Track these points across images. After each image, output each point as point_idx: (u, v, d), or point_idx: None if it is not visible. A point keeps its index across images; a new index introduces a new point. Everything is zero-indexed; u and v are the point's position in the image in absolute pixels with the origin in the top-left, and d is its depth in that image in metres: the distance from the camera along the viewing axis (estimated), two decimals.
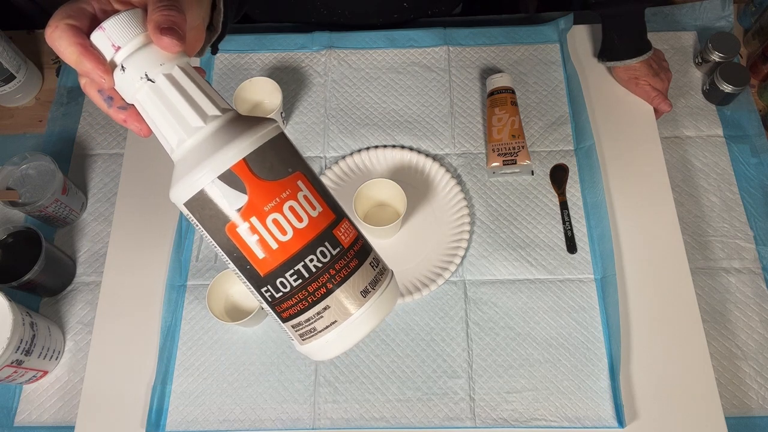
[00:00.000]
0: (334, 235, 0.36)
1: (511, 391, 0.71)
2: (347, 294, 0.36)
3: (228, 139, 0.34)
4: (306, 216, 0.35)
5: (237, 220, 0.34)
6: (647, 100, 0.85)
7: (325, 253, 0.35)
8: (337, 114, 0.88)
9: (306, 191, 0.36)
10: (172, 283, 0.76)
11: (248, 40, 0.93)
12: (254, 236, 0.34)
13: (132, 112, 0.37)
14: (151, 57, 0.35)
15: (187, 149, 0.35)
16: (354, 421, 0.70)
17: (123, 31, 0.34)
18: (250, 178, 0.34)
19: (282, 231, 0.34)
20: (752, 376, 0.72)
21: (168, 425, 0.70)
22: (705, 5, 0.95)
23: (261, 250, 0.35)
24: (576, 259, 0.77)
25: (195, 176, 0.34)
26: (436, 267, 0.77)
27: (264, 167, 0.34)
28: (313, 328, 0.36)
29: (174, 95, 0.35)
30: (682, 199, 0.82)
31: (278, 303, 0.36)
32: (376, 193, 0.78)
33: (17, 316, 0.65)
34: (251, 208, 0.34)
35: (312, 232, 0.35)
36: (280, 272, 0.35)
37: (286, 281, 0.35)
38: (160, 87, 0.35)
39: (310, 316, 0.36)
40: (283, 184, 0.35)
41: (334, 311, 0.35)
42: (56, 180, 0.76)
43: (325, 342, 0.36)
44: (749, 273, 0.77)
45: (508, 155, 0.81)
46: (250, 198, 0.34)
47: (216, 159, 0.34)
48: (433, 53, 0.92)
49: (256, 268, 0.35)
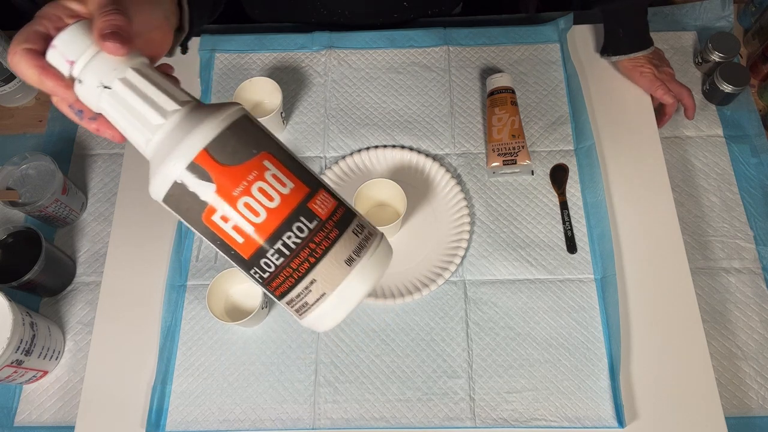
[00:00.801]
0: (310, 209, 0.36)
1: (511, 391, 0.71)
2: (331, 265, 0.36)
3: (187, 132, 0.35)
4: (277, 194, 0.35)
5: (210, 209, 0.35)
6: (650, 90, 0.84)
7: (302, 228, 0.35)
8: (337, 114, 0.88)
9: (274, 170, 0.36)
10: (172, 283, 0.76)
11: (248, 40, 0.93)
12: (229, 222, 0.35)
13: (102, 121, 0.38)
14: (103, 64, 0.35)
15: (154, 147, 0.36)
16: (354, 421, 0.70)
17: (73, 45, 0.35)
18: (214, 166, 0.34)
19: (255, 213, 0.35)
20: (752, 376, 0.72)
21: (168, 425, 0.70)
22: (705, 5, 0.95)
23: (239, 235, 0.35)
24: (576, 259, 0.77)
25: (163, 173, 0.34)
26: (436, 267, 0.77)
27: (226, 153, 0.35)
28: (305, 303, 0.36)
29: (131, 97, 0.35)
30: (682, 199, 0.82)
31: (269, 282, 0.37)
32: (376, 193, 0.78)
33: (17, 316, 0.65)
34: (220, 195, 0.34)
35: (285, 209, 0.35)
36: (261, 253, 0.35)
37: (270, 261, 0.35)
38: (118, 92, 0.35)
39: (300, 291, 0.36)
40: (249, 166, 0.35)
41: (321, 284, 0.36)
42: (56, 180, 0.76)
43: (321, 314, 0.36)
44: (749, 273, 0.77)
45: (508, 155, 0.81)
46: (217, 186, 0.34)
47: (178, 153, 0.34)
48: (433, 53, 0.92)
49: (239, 252, 0.36)
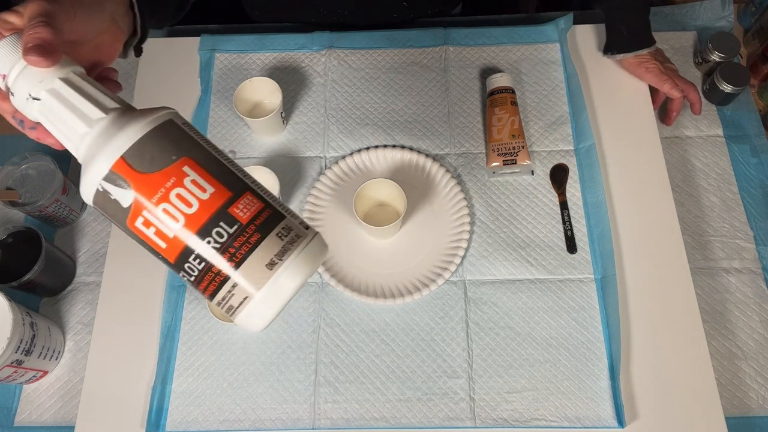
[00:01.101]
0: (230, 213, 0.36)
1: (511, 391, 0.71)
2: (251, 269, 0.35)
3: (108, 140, 0.35)
4: (195, 200, 0.35)
5: (131, 215, 0.35)
6: (657, 85, 0.83)
7: (221, 233, 0.35)
8: (337, 114, 0.88)
9: (194, 175, 0.36)
10: (172, 283, 0.76)
11: (248, 40, 0.93)
12: (151, 228, 0.35)
13: (41, 130, 0.39)
14: (31, 76, 0.36)
15: (82, 154, 0.36)
16: (354, 421, 0.70)
17: (4, 59, 0.36)
18: (131, 174, 0.35)
19: (174, 219, 0.35)
20: (752, 376, 0.72)
21: (168, 425, 0.70)
22: (705, 5, 0.95)
23: (161, 240, 0.36)
24: (576, 259, 0.77)
25: (87, 180, 0.35)
26: (436, 267, 0.77)
27: (144, 161, 0.35)
28: (230, 306, 0.36)
29: (59, 107, 0.36)
30: (682, 199, 0.82)
31: (196, 284, 0.36)
32: (376, 193, 0.78)
33: (17, 316, 0.65)
34: (140, 202, 0.35)
35: (204, 215, 0.35)
36: (184, 258, 0.36)
37: (192, 266, 0.36)
38: (46, 103, 0.36)
39: (224, 294, 0.36)
40: (167, 173, 0.35)
41: (243, 287, 0.36)
42: (56, 180, 0.76)
43: (248, 315, 0.36)
44: (749, 273, 0.77)
45: (508, 155, 0.81)
46: (137, 193, 0.35)
47: (98, 161, 0.35)
48: (433, 53, 0.92)
49: (165, 256, 0.36)
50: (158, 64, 0.90)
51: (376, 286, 0.76)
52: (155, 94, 0.88)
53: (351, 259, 0.78)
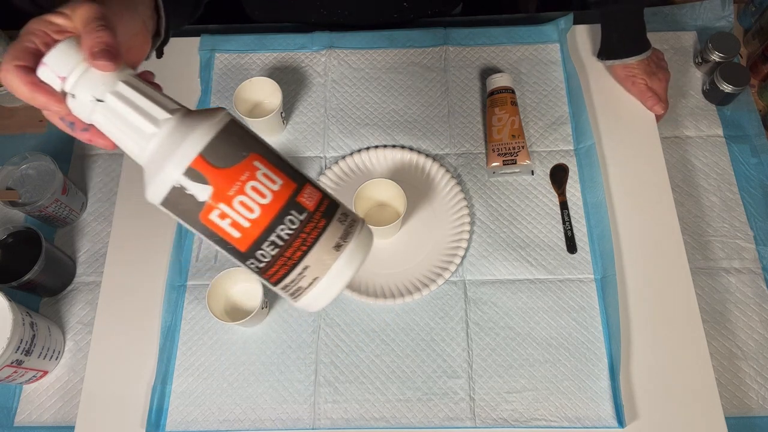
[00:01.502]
0: (299, 202, 0.39)
1: (511, 391, 0.71)
2: (322, 251, 0.39)
3: (182, 138, 0.37)
4: (268, 191, 0.38)
5: (207, 209, 0.37)
6: (642, 100, 0.85)
7: (293, 221, 0.38)
8: (337, 114, 0.88)
9: (264, 169, 0.38)
10: (172, 283, 0.76)
11: (248, 40, 0.93)
12: (226, 220, 0.37)
13: (94, 131, 0.39)
14: (95, 79, 0.37)
15: (149, 154, 0.38)
16: (354, 421, 0.70)
17: (64, 62, 0.37)
18: (210, 170, 0.37)
19: (249, 210, 0.37)
20: (752, 376, 0.72)
21: (168, 425, 0.70)
22: (705, 5, 0.95)
23: (235, 231, 0.38)
24: (576, 259, 0.77)
25: (161, 178, 0.37)
26: (436, 267, 0.77)
27: (219, 157, 0.37)
28: (299, 287, 0.40)
29: (124, 109, 0.37)
30: (682, 199, 0.82)
31: (264, 271, 0.39)
32: (376, 193, 0.78)
33: (17, 316, 0.65)
34: (217, 196, 0.37)
35: (277, 204, 0.38)
36: (257, 246, 0.38)
37: (265, 252, 0.38)
38: (110, 105, 0.37)
39: (294, 277, 0.39)
40: (241, 167, 0.38)
41: (314, 269, 0.39)
42: (56, 180, 0.76)
43: (315, 296, 0.40)
44: (749, 273, 0.77)
45: (508, 155, 0.81)
46: (214, 187, 0.37)
47: (175, 159, 0.37)
48: (433, 53, 0.92)
49: (236, 246, 0.38)
50: (158, 64, 0.90)
51: (376, 286, 0.76)
52: None
53: None
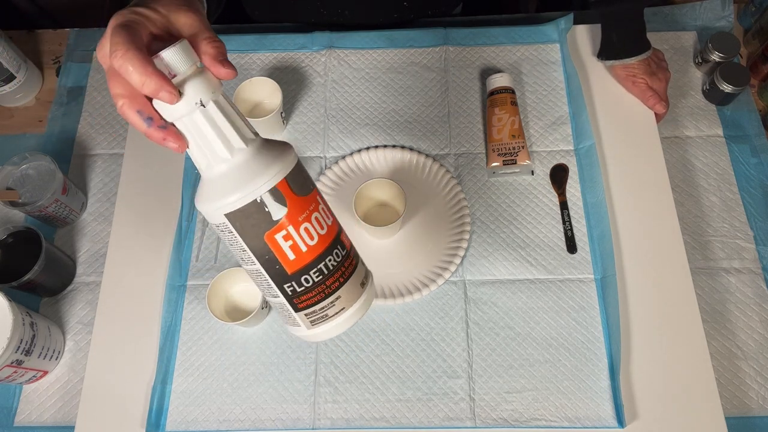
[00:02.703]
0: (342, 240, 0.44)
1: (511, 391, 0.71)
2: (353, 286, 0.44)
3: (271, 160, 0.41)
4: (325, 224, 0.43)
5: (277, 228, 0.40)
6: (642, 100, 0.85)
7: (338, 254, 0.43)
8: (337, 114, 0.88)
9: (322, 204, 0.43)
10: (172, 283, 0.76)
11: (248, 40, 0.93)
12: (288, 242, 0.41)
13: (171, 131, 0.40)
14: (205, 85, 0.39)
15: (232, 168, 0.40)
16: (354, 421, 0.70)
17: (181, 61, 0.39)
18: (290, 194, 0.41)
19: (310, 237, 0.42)
20: (752, 376, 0.72)
21: (168, 425, 0.70)
22: (705, 5, 0.95)
23: (292, 253, 0.41)
24: (576, 259, 0.77)
25: (244, 192, 0.39)
26: (436, 267, 0.77)
27: (297, 184, 0.41)
28: (325, 315, 0.43)
29: (221, 119, 0.40)
30: (682, 199, 0.82)
31: (298, 296, 0.43)
32: (376, 193, 0.78)
33: (17, 316, 0.65)
34: (289, 218, 0.41)
35: (329, 237, 0.43)
36: (305, 270, 0.42)
37: (310, 277, 0.42)
38: (210, 112, 0.40)
39: (325, 305, 0.43)
40: (309, 199, 0.42)
41: (344, 300, 0.44)
42: (56, 180, 0.76)
43: (334, 325, 0.44)
44: (749, 273, 0.77)
45: (508, 155, 0.81)
46: (289, 210, 0.40)
47: (264, 177, 0.40)
48: (433, 53, 0.92)
49: (285, 267, 0.42)
50: None
51: (376, 286, 0.76)
52: None
53: None
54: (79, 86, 0.93)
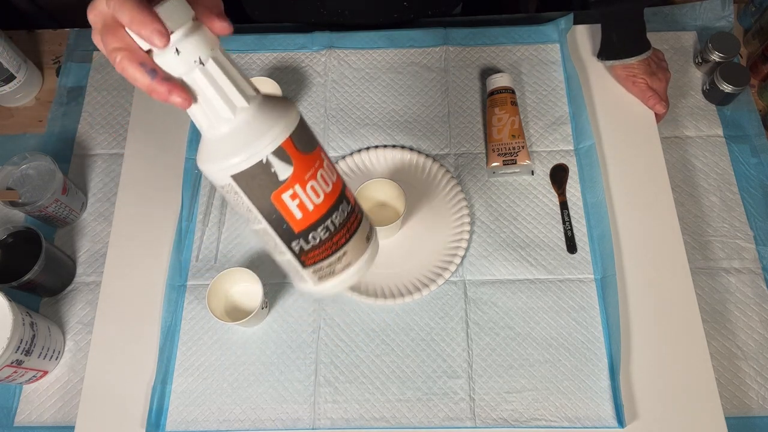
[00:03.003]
0: (346, 196, 0.44)
1: (511, 391, 0.71)
2: (359, 241, 0.44)
3: (274, 119, 0.39)
4: (330, 181, 0.42)
5: (284, 188, 0.40)
6: (642, 100, 0.85)
7: (344, 210, 0.43)
8: (337, 114, 0.88)
9: (326, 160, 0.43)
10: (172, 283, 0.76)
11: (248, 40, 0.93)
12: (296, 201, 0.40)
13: (177, 84, 0.38)
14: (203, 41, 0.38)
15: (234, 128, 0.39)
16: (354, 421, 0.70)
17: (176, 16, 0.37)
18: (295, 153, 0.40)
19: (316, 194, 0.41)
20: (752, 376, 0.72)
21: (168, 425, 0.70)
22: (705, 5, 0.95)
23: (300, 212, 0.41)
24: (576, 259, 0.77)
25: (249, 152, 0.38)
26: (436, 267, 0.77)
27: (302, 142, 0.40)
28: (332, 270, 0.44)
29: (221, 78, 0.38)
30: (682, 199, 0.82)
31: (305, 253, 0.43)
32: (376, 193, 0.78)
33: (17, 316, 0.65)
34: (295, 178, 0.40)
35: (335, 194, 0.43)
36: (312, 228, 0.42)
37: (317, 235, 0.42)
38: (209, 70, 0.38)
39: (332, 260, 0.43)
40: (314, 156, 0.41)
41: (350, 255, 0.44)
42: (56, 180, 0.76)
43: (342, 279, 0.44)
44: (749, 273, 0.77)
45: (508, 155, 0.81)
46: (295, 169, 0.40)
47: (268, 137, 0.39)
48: (433, 53, 0.92)
49: (292, 226, 0.41)
50: None
51: (376, 286, 0.76)
52: None
53: None
54: (79, 86, 0.93)
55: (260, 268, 0.77)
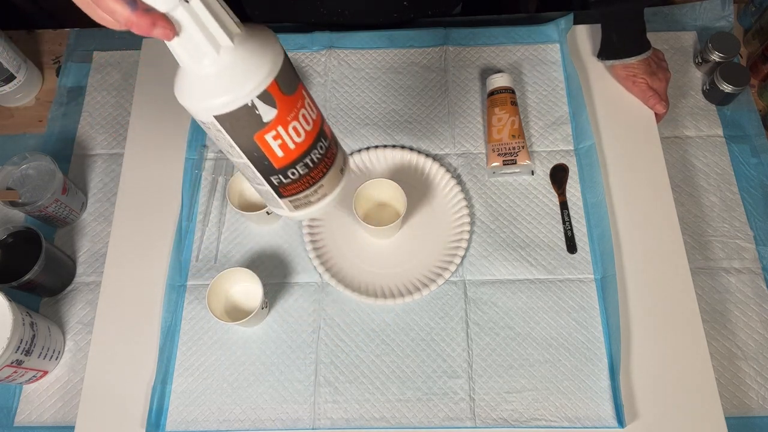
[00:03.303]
0: (324, 131, 0.45)
1: (511, 391, 0.71)
2: (334, 175, 0.47)
3: (259, 60, 0.39)
4: (311, 119, 0.43)
5: (266, 129, 0.41)
6: (643, 100, 0.85)
7: (322, 147, 0.45)
8: (337, 114, 0.88)
9: (307, 99, 0.43)
10: (172, 283, 0.76)
11: None
12: (278, 141, 0.42)
13: (159, 15, 0.36)
14: None
15: (219, 69, 0.38)
16: (354, 421, 0.70)
17: None
18: (279, 95, 0.40)
19: (298, 134, 0.42)
20: (752, 376, 0.72)
21: (168, 425, 0.70)
22: (705, 5, 0.95)
23: (281, 151, 0.42)
24: (576, 259, 0.77)
25: (234, 95, 0.38)
26: (436, 267, 0.77)
27: (286, 84, 0.41)
28: (308, 201, 0.47)
29: (206, 15, 0.37)
30: (682, 199, 0.82)
31: (284, 186, 0.45)
32: (376, 193, 0.78)
33: (17, 316, 0.65)
34: (279, 119, 0.41)
35: (314, 132, 0.44)
36: (292, 165, 0.43)
37: (296, 170, 0.44)
38: (193, 7, 0.37)
39: (308, 193, 0.46)
40: (297, 96, 0.42)
41: (326, 188, 0.47)
42: (56, 180, 0.76)
43: (317, 209, 0.47)
44: (749, 273, 0.77)
45: (508, 155, 0.81)
46: (279, 111, 0.41)
47: (253, 81, 0.39)
48: (433, 53, 0.92)
49: (272, 162, 0.43)
50: (159, 64, 0.91)
51: (376, 286, 0.76)
52: (156, 94, 0.88)
53: (351, 259, 0.78)
54: (79, 86, 0.93)
55: (260, 268, 0.77)
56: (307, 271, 0.78)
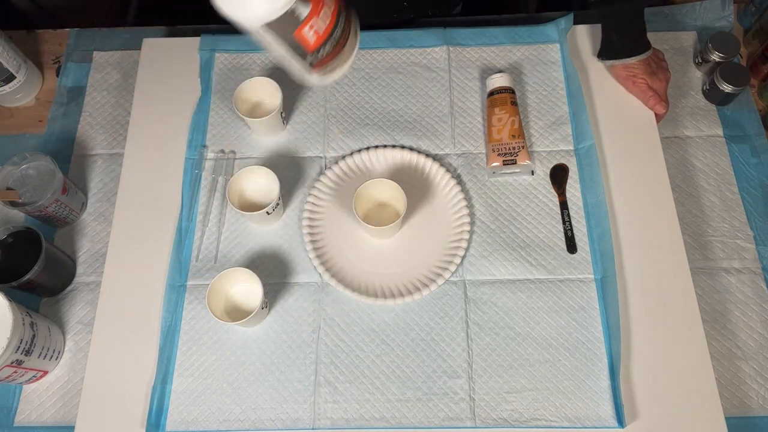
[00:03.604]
0: (341, 8, 0.53)
1: (511, 391, 0.71)
2: (352, 41, 0.55)
3: None
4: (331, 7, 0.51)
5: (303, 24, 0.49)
6: (643, 100, 0.85)
7: (341, 22, 0.53)
8: (337, 114, 0.88)
9: None
10: (172, 283, 0.76)
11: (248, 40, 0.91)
12: (312, 30, 0.50)
13: None
14: None
15: None
16: (354, 421, 0.70)
17: None
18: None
19: (325, 20, 0.50)
20: (752, 376, 0.72)
21: (168, 425, 0.70)
22: (705, 5, 0.95)
23: (314, 37, 0.51)
24: (576, 259, 0.77)
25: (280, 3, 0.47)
26: (436, 267, 0.77)
27: None
28: (333, 68, 0.56)
29: None
30: (682, 199, 0.82)
31: (314, 63, 0.54)
32: (376, 193, 0.78)
33: (17, 316, 0.65)
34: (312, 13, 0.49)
35: (336, 11, 0.52)
36: (323, 45, 0.52)
37: (325, 50, 0.52)
38: None
39: (336, 63, 0.55)
40: None
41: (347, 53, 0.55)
42: (56, 180, 0.76)
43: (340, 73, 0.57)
44: (749, 273, 0.77)
45: (508, 155, 0.81)
46: (312, 6, 0.49)
47: None
48: (433, 53, 0.92)
49: (306, 49, 0.51)
50: (158, 64, 0.90)
51: (376, 286, 0.76)
52: (155, 94, 0.88)
53: (351, 259, 0.78)
54: (79, 86, 0.93)
55: (260, 268, 0.77)
56: (307, 271, 0.78)
